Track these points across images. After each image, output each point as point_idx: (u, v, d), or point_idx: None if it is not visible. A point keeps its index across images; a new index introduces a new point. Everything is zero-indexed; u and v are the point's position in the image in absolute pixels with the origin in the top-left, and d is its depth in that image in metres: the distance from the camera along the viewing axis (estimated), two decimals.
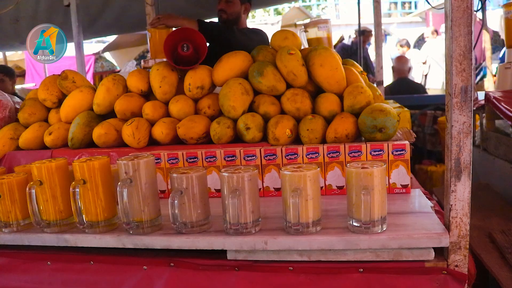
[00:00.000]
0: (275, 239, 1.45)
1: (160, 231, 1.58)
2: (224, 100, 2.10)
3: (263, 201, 1.66)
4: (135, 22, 5.78)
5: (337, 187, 1.88)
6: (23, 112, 2.46)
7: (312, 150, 1.86)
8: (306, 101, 2.12)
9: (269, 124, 2.05)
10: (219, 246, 1.48)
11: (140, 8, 4.81)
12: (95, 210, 1.59)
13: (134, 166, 1.49)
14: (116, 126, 2.18)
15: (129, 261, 1.64)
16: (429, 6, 10.97)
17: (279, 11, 17.08)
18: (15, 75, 6.36)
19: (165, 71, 2.25)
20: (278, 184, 1.90)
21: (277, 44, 2.36)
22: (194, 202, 1.49)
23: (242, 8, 3.57)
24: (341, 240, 1.43)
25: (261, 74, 2.13)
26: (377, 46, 4.02)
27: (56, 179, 1.63)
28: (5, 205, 1.71)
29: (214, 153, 1.92)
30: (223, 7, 3.51)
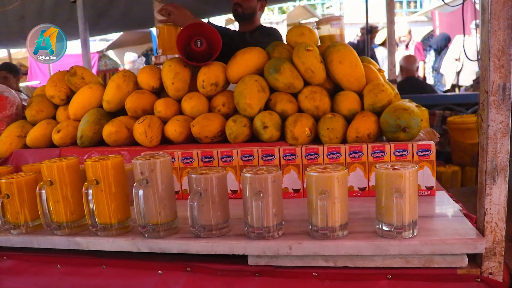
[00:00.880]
0: (300, 244, 1.37)
1: (177, 235, 1.50)
2: (240, 98, 2.02)
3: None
4: (141, 19, 5.71)
5: (359, 189, 1.80)
6: (31, 109, 2.38)
7: (333, 150, 1.78)
8: (325, 99, 2.04)
9: (287, 123, 1.96)
10: (240, 251, 1.41)
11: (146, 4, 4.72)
12: (108, 212, 1.51)
13: (150, 166, 1.42)
14: (127, 124, 2.10)
15: (143, 266, 1.57)
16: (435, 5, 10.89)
17: (283, 10, 16.99)
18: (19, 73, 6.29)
19: (178, 67, 2.17)
20: (297, 185, 1.82)
21: (293, 40, 2.28)
22: (214, 204, 1.41)
23: (258, 4, 3.48)
24: (370, 245, 1.35)
25: (278, 71, 2.05)
26: (390, 44, 3.93)
27: (67, 179, 1.56)
28: (14, 206, 1.63)
29: (231, 153, 1.84)
30: (239, 1, 3.42)
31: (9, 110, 2.43)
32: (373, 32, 7.30)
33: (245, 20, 3.48)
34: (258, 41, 3.21)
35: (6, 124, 2.42)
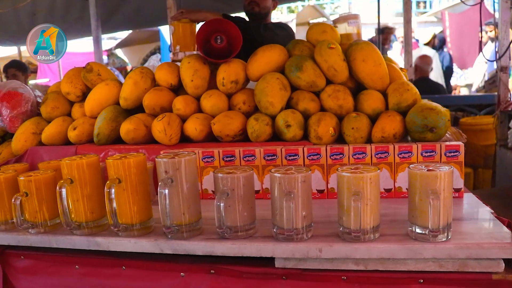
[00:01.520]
0: (331, 247, 1.32)
1: (201, 236, 1.45)
2: (262, 96, 1.97)
3: None
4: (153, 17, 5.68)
5: (384, 190, 1.75)
6: (46, 105, 2.34)
7: (359, 150, 1.73)
8: (349, 98, 1.99)
9: (311, 122, 1.92)
10: (268, 254, 1.36)
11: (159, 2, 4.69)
12: (130, 212, 1.47)
13: (175, 165, 1.37)
14: (145, 122, 2.06)
15: (165, 267, 1.53)
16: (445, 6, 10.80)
17: (292, 9, 16.93)
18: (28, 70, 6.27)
19: (197, 64, 2.12)
20: (321, 186, 1.77)
21: (315, 38, 2.23)
22: (241, 205, 1.36)
23: (272, 3, 3.46)
24: (403, 248, 1.30)
25: (300, 69, 2.00)
26: (406, 43, 3.88)
27: (87, 177, 1.52)
28: (32, 204, 1.59)
29: (253, 152, 1.79)
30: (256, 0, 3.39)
31: (24, 106, 2.39)
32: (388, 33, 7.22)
33: (259, 19, 3.44)
34: (274, 33, 3.17)
35: (21, 121, 2.38)
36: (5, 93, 2.36)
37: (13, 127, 2.36)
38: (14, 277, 1.75)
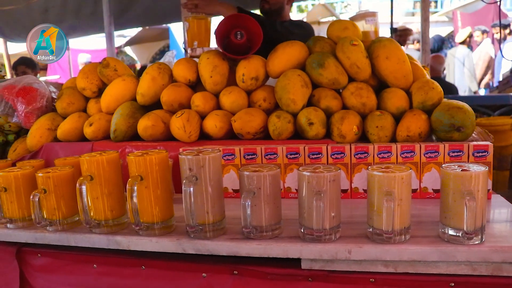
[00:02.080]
0: (361, 248, 1.27)
1: (225, 236, 1.40)
2: (283, 93, 1.93)
3: None
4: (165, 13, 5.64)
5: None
6: (61, 101, 2.31)
7: (384, 149, 1.68)
8: (372, 96, 1.94)
9: (334, 120, 1.87)
10: (295, 254, 1.31)
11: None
12: (151, 211, 1.42)
13: (199, 162, 1.33)
14: (163, 118, 2.02)
15: (186, 267, 1.49)
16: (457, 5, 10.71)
17: (301, 8, 16.84)
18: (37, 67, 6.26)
19: (216, 60, 2.08)
20: (345, 185, 1.73)
21: (336, 34, 2.18)
22: (267, 204, 1.32)
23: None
24: (436, 251, 1.25)
25: (322, 66, 1.96)
26: (423, 42, 3.82)
27: (107, 174, 1.47)
28: (51, 202, 1.55)
29: (275, 150, 1.75)
30: None
31: (39, 102, 2.36)
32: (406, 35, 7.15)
33: (273, 16, 3.38)
34: (289, 31, 3.12)
35: (36, 116, 2.35)
36: (21, 88, 2.33)
37: (28, 123, 2.33)
38: (31, 275, 1.72)
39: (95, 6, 5.15)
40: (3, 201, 1.63)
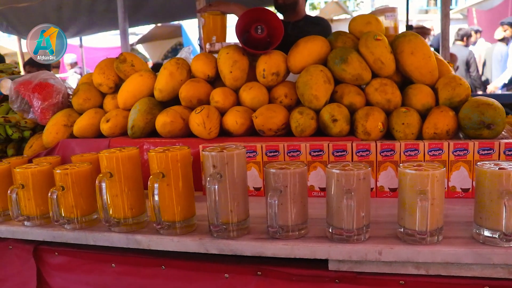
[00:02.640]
0: (392, 249, 1.22)
1: (249, 235, 1.35)
2: (305, 89, 1.87)
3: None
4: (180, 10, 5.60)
5: None
6: (78, 97, 2.27)
7: (411, 146, 1.63)
8: (397, 92, 1.89)
9: (358, 117, 1.81)
10: (323, 255, 1.26)
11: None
12: (173, 209, 1.38)
13: (224, 159, 1.28)
14: (181, 114, 1.97)
15: (208, 268, 1.44)
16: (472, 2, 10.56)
17: (315, 6, 16.75)
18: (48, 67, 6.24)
19: (236, 55, 2.03)
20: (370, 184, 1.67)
21: (358, 29, 2.12)
22: (294, 203, 1.27)
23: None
24: (471, 252, 1.19)
25: (345, 61, 1.91)
26: (443, 39, 3.75)
27: (127, 171, 1.43)
28: (69, 199, 1.51)
29: (298, 147, 1.70)
30: None
31: (55, 98, 2.32)
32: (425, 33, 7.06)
33: (288, 11, 3.33)
34: (302, 30, 3.05)
35: (52, 112, 2.31)
36: (37, 84, 2.30)
37: (44, 119, 2.30)
38: (48, 273, 1.68)
39: (109, 3, 5.12)
40: (20, 198, 1.59)
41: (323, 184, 1.71)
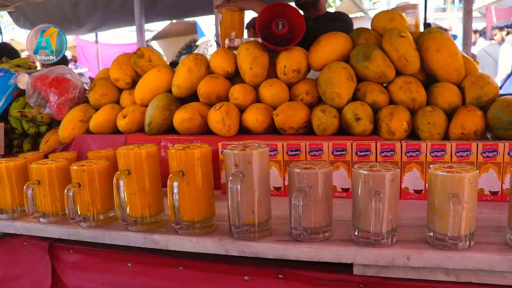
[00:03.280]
0: (421, 254, 1.17)
1: (271, 237, 1.31)
2: (327, 86, 1.82)
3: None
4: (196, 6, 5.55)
5: None
6: (94, 92, 2.24)
7: (438, 147, 1.57)
8: (422, 90, 1.83)
9: (381, 115, 1.76)
10: (348, 259, 1.21)
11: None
12: (192, 209, 1.33)
13: (247, 158, 1.23)
14: (200, 111, 1.93)
15: (227, 269, 1.40)
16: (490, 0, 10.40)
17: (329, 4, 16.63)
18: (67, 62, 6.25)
19: (256, 51, 1.98)
20: None
21: (381, 26, 2.07)
22: (319, 204, 1.22)
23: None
24: (506, 260, 1.14)
25: (368, 58, 1.85)
26: (465, 37, 3.67)
27: (145, 168, 1.39)
28: (85, 196, 1.47)
29: (321, 146, 1.64)
30: None
31: (71, 93, 2.29)
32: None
33: (309, 8, 3.27)
34: (323, 26, 3.00)
35: (68, 107, 2.28)
36: (53, 79, 2.27)
37: (60, 114, 2.27)
38: (62, 271, 1.65)
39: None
40: (36, 195, 1.56)
41: (345, 185, 1.66)
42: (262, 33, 2.05)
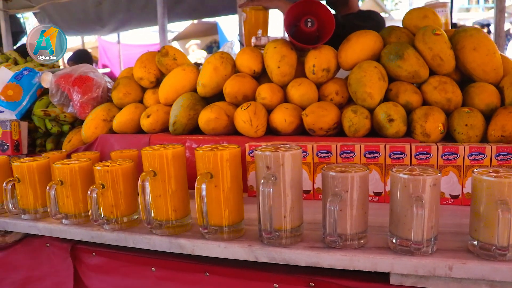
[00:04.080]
0: (464, 264, 1.09)
1: (303, 243, 1.24)
2: (358, 86, 1.75)
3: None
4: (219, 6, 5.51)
5: None
6: (118, 91, 2.20)
7: (476, 150, 1.49)
8: (458, 91, 1.75)
9: (416, 117, 1.69)
10: (386, 268, 1.14)
11: None
12: (220, 212, 1.27)
13: (279, 160, 1.17)
14: (226, 111, 1.87)
15: (255, 276, 1.34)
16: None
17: None
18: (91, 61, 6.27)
19: (284, 49, 1.92)
20: None
21: (413, 24, 1.99)
22: (354, 210, 1.15)
23: None
24: None
25: (400, 57, 1.78)
26: (497, 35, 3.56)
27: (172, 170, 1.34)
28: (108, 198, 1.43)
29: (352, 148, 1.58)
30: None
31: (95, 92, 2.26)
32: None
33: (339, 7, 3.19)
34: (352, 24, 2.92)
35: (91, 106, 2.25)
36: (77, 77, 2.24)
37: (83, 113, 2.23)
38: (85, 274, 1.61)
39: None
40: (59, 195, 1.52)
41: (377, 189, 1.59)
42: (290, 30, 1.99)
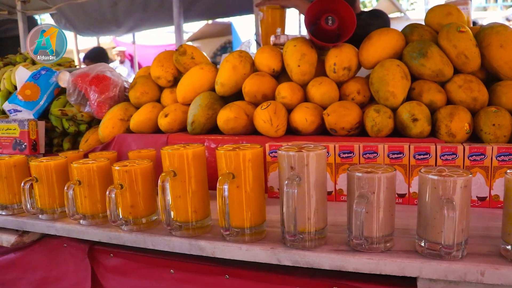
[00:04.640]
0: (497, 270, 1.05)
1: (327, 246, 1.21)
2: (381, 85, 1.71)
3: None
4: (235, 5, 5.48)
5: None
6: (135, 90, 2.18)
7: (505, 150, 1.44)
8: (484, 89, 1.70)
9: (440, 116, 1.64)
10: (414, 273, 1.10)
11: None
12: (242, 214, 1.24)
13: (303, 160, 1.13)
14: (245, 110, 1.84)
15: (278, 280, 1.30)
16: None
17: (365, 4, 16.38)
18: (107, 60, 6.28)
19: (304, 48, 1.88)
20: None
21: (436, 21, 1.95)
22: (381, 212, 1.11)
23: None
24: None
25: (424, 56, 1.73)
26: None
27: (192, 170, 1.31)
28: (127, 198, 1.40)
29: (376, 148, 1.54)
30: None
31: (112, 91, 2.24)
32: None
33: None
34: (366, 23, 2.88)
35: (108, 106, 2.23)
36: (94, 77, 2.22)
37: (100, 113, 2.22)
38: (102, 275, 1.59)
39: None
40: (76, 196, 1.50)
41: (401, 190, 1.55)
42: (310, 29, 1.95)
